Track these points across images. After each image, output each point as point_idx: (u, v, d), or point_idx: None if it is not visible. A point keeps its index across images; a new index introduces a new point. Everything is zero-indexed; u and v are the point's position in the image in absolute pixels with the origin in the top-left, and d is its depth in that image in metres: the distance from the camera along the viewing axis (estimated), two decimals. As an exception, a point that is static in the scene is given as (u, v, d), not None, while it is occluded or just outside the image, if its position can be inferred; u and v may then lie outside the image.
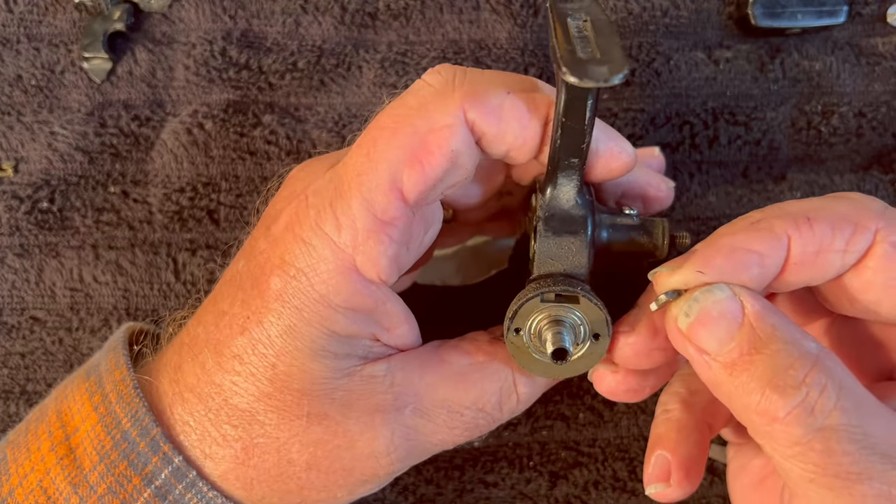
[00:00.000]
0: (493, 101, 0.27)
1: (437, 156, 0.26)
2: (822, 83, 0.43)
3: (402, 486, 0.39)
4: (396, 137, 0.27)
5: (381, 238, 0.27)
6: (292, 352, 0.27)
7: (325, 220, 0.27)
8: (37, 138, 0.41)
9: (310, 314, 0.27)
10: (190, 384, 0.29)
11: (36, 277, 0.40)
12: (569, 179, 0.28)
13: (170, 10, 0.43)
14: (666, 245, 0.31)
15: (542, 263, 0.29)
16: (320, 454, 0.28)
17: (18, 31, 0.42)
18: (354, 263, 0.27)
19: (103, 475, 0.28)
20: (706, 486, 0.40)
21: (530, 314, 0.28)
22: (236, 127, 0.41)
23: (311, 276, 0.27)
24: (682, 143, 0.42)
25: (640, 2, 0.43)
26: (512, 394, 0.30)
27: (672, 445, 0.31)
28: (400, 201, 0.27)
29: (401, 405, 0.29)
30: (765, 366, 0.25)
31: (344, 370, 0.28)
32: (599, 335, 0.28)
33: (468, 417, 0.30)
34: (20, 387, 0.40)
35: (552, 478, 0.40)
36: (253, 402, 0.28)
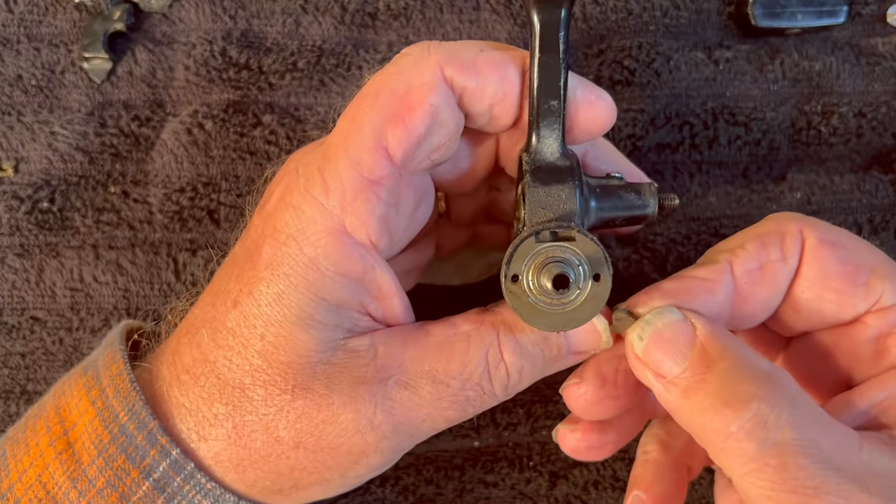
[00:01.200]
0: (468, 56, 0.28)
1: (417, 112, 0.27)
2: (822, 83, 0.43)
3: (402, 486, 0.39)
4: (378, 100, 0.27)
5: (368, 197, 0.27)
6: (281, 321, 0.27)
7: (313, 185, 0.27)
8: (37, 138, 0.41)
9: (297, 279, 0.27)
10: (186, 365, 0.29)
11: (36, 277, 0.40)
12: (551, 130, 0.28)
13: (170, 10, 0.43)
14: (655, 204, 0.31)
15: (534, 214, 0.28)
16: (305, 430, 0.28)
17: (19, 31, 0.42)
18: (343, 225, 0.27)
19: (102, 469, 0.28)
20: (706, 486, 0.40)
21: (526, 257, 0.27)
22: (236, 127, 0.41)
23: (301, 240, 0.27)
24: (682, 143, 0.42)
25: (641, 2, 0.43)
26: (499, 363, 0.29)
27: (647, 485, 0.31)
28: (386, 160, 0.27)
29: (384, 377, 0.28)
30: (717, 383, 0.25)
31: (329, 343, 0.28)
32: (599, 276, 0.27)
33: (454, 388, 0.29)
34: (21, 387, 0.40)
35: (552, 478, 0.40)
36: (244, 377, 0.28)
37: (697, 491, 0.40)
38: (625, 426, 0.32)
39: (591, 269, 0.27)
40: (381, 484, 0.39)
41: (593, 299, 0.27)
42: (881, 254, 0.30)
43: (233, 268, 0.29)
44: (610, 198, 0.31)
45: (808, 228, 0.29)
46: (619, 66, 0.42)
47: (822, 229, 0.29)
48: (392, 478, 0.40)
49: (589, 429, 0.31)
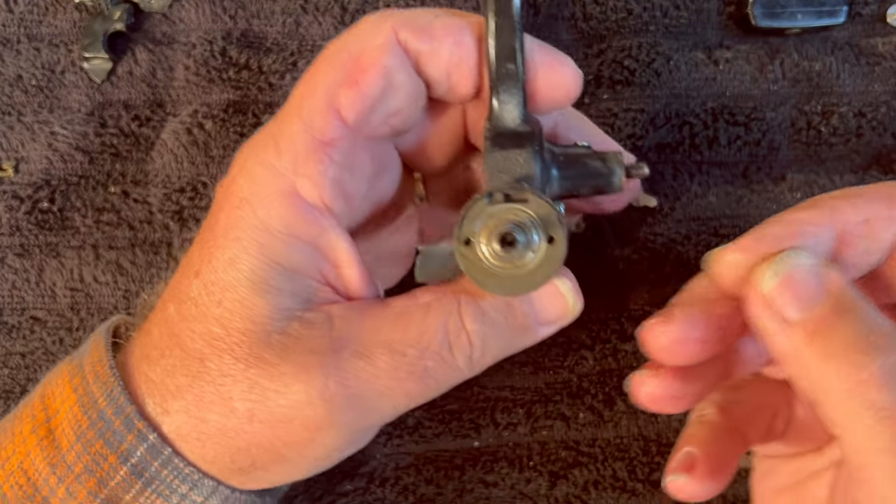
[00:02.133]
0: (423, 20, 0.28)
1: (370, 73, 0.27)
2: (822, 83, 0.43)
3: (402, 486, 0.39)
4: (332, 62, 0.27)
5: (321, 158, 0.27)
6: (235, 285, 0.27)
7: (266, 149, 0.27)
8: (37, 138, 0.41)
9: (249, 242, 0.27)
10: (154, 341, 0.29)
11: (36, 277, 0.40)
12: (510, 95, 0.28)
13: (170, 10, 0.43)
14: (621, 172, 0.30)
15: (492, 178, 0.28)
16: (258, 401, 0.27)
17: (19, 31, 0.42)
18: (295, 186, 0.27)
19: (80, 454, 0.28)
20: (706, 485, 0.40)
21: (478, 218, 0.26)
22: (236, 127, 0.41)
23: (254, 203, 0.27)
24: (682, 143, 0.42)
25: (641, 2, 0.43)
26: (461, 331, 0.28)
27: (701, 443, 0.30)
28: (338, 121, 0.27)
29: (338, 348, 0.27)
30: (848, 331, 0.24)
31: (285, 311, 0.27)
32: (554, 238, 0.26)
33: (412, 358, 0.27)
34: (21, 387, 0.40)
35: (552, 478, 0.40)
36: (204, 347, 0.27)
37: (697, 491, 0.40)
38: (707, 377, 0.29)
39: (546, 231, 0.26)
40: (381, 484, 0.39)
41: (549, 261, 0.26)
42: None
43: (196, 240, 0.29)
44: (574, 166, 0.30)
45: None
46: (619, 66, 0.42)
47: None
48: (392, 478, 0.40)
49: (671, 375, 0.28)
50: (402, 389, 0.27)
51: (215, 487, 0.29)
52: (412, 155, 0.32)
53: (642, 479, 0.40)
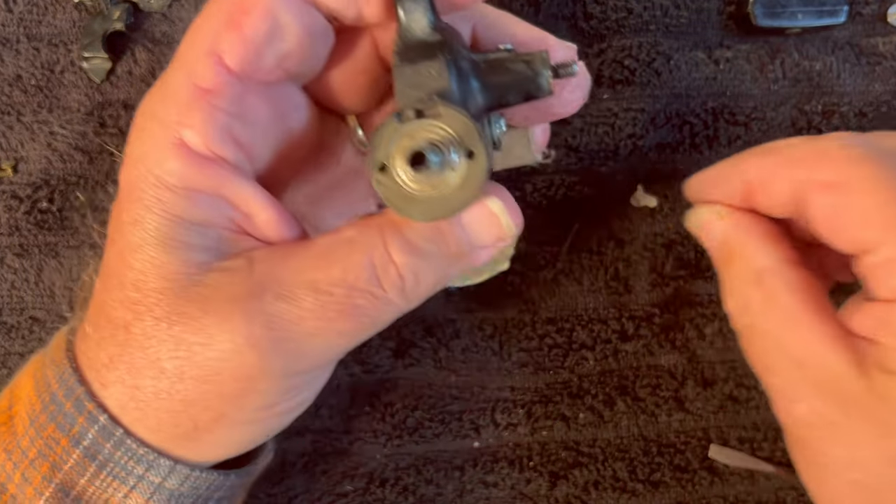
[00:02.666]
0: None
1: (253, 16, 0.25)
2: (823, 83, 0.42)
3: (402, 486, 0.39)
4: (213, 6, 0.26)
5: (203, 106, 0.26)
6: (142, 245, 0.26)
7: (154, 101, 0.26)
8: (36, 138, 0.41)
9: (150, 200, 0.26)
10: (89, 317, 0.28)
11: (35, 277, 0.40)
12: (416, 4, 0.26)
13: (169, 10, 0.43)
14: (548, 73, 0.27)
15: (403, 95, 0.25)
16: (184, 357, 0.26)
17: (18, 30, 0.42)
18: (182, 137, 0.26)
19: (33, 439, 0.27)
20: (706, 486, 0.40)
21: (390, 141, 0.24)
22: (236, 127, 0.41)
23: (146, 160, 0.26)
24: (682, 142, 0.42)
25: (641, 1, 0.42)
26: (388, 264, 0.26)
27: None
28: (220, 67, 0.26)
29: (259, 292, 0.26)
30: None
31: (200, 264, 0.26)
32: (473, 152, 0.24)
33: (340, 296, 0.26)
34: (20, 387, 0.40)
35: (552, 478, 0.40)
36: (125, 313, 0.27)
37: (698, 491, 0.40)
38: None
39: (464, 146, 0.24)
40: (381, 484, 0.39)
41: (471, 179, 0.25)
42: None
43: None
44: (495, 73, 0.27)
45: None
46: (619, 65, 0.41)
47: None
48: (392, 478, 0.40)
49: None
50: (334, 329, 0.26)
51: (172, 467, 0.28)
52: (329, 95, 0.30)
53: (642, 479, 0.40)
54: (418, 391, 0.40)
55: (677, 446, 0.40)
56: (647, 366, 0.41)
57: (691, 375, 0.41)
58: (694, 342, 0.41)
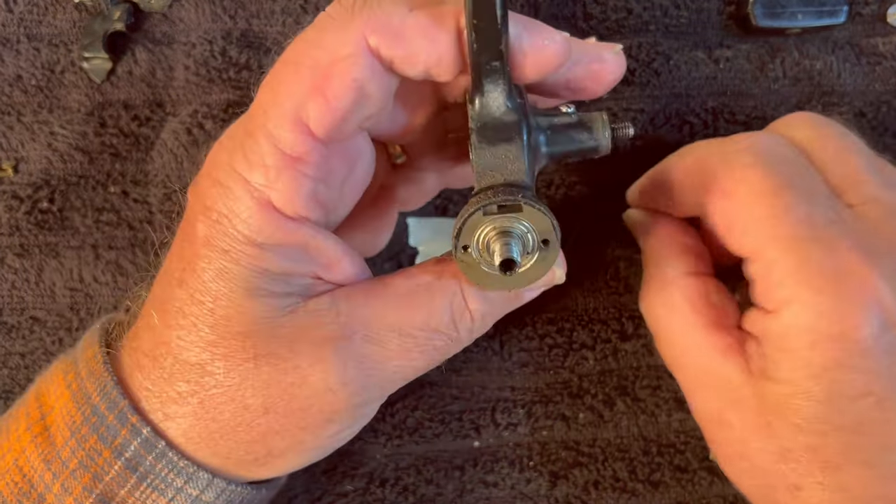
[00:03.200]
0: (395, 21, 0.26)
1: (339, 87, 0.26)
2: (823, 83, 0.43)
3: (402, 486, 0.39)
4: (298, 71, 0.26)
5: (292, 175, 0.26)
6: (227, 294, 0.27)
7: (237, 161, 0.27)
8: (37, 138, 0.41)
9: (237, 255, 0.27)
10: (145, 349, 0.29)
11: (36, 277, 0.40)
12: (495, 85, 0.27)
13: (170, 10, 0.43)
14: (607, 139, 0.30)
15: (482, 176, 0.28)
16: (275, 395, 0.28)
17: (18, 30, 0.42)
18: (271, 201, 0.27)
19: (74, 450, 0.28)
20: (706, 485, 0.40)
21: (476, 229, 0.27)
22: (236, 127, 0.41)
23: (232, 218, 0.27)
24: (682, 142, 0.41)
25: (641, 1, 0.43)
26: (464, 311, 0.29)
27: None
28: (306, 136, 0.26)
29: (349, 334, 0.28)
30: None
31: (285, 308, 0.28)
32: (548, 241, 0.27)
33: (422, 339, 0.29)
34: (20, 387, 0.40)
35: (552, 478, 0.40)
36: (201, 353, 0.28)
37: (698, 491, 0.40)
38: None
39: (541, 236, 0.27)
40: (381, 484, 0.39)
41: (543, 262, 0.28)
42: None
43: (175, 247, 0.29)
44: (560, 137, 0.30)
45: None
46: (619, 65, 0.41)
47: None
48: (392, 478, 0.40)
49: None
50: (412, 366, 0.29)
51: (210, 480, 0.29)
52: (387, 133, 0.31)
53: (642, 479, 0.40)
54: (419, 391, 0.40)
55: (677, 446, 0.40)
56: (647, 366, 0.41)
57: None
58: (694, 342, 0.41)
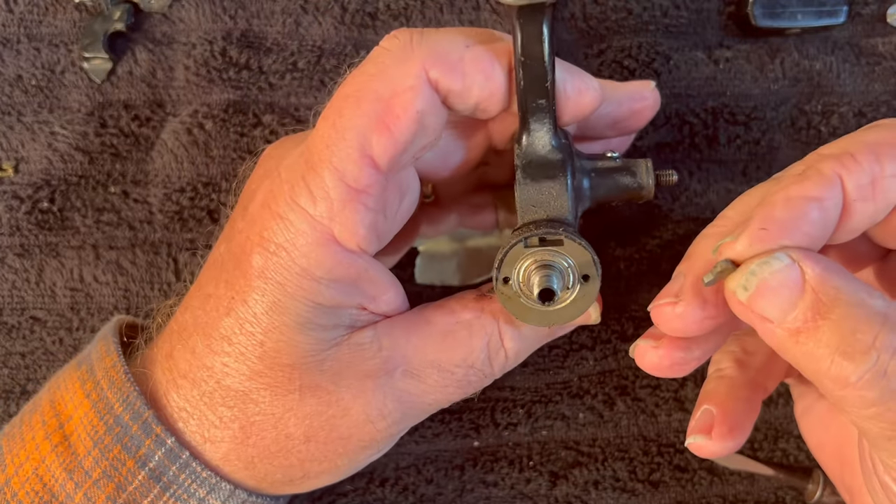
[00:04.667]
0: (454, 56, 0.27)
1: (403, 119, 0.26)
2: (822, 83, 0.43)
3: (402, 486, 0.39)
4: (361, 105, 0.27)
5: (356, 207, 0.27)
6: (279, 327, 0.27)
7: (299, 194, 0.27)
8: (37, 138, 0.41)
9: (293, 288, 0.27)
10: (182, 370, 0.29)
11: (36, 277, 0.40)
12: (541, 124, 0.28)
13: (170, 11, 0.43)
14: (651, 183, 0.31)
15: (525, 211, 0.28)
16: (317, 425, 0.29)
17: (19, 31, 0.42)
18: (333, 234, 0.27)
19: (98, 460, 0.28)
20: (706, 485, 0.40)
21: (516, 261, 0.28)
22: (237, 127, 0.41)
23: (291, 251, 0.27)
24: (682, 142, 0.42)
25: (641, 1, 0.43)
26: (500, 349, 0.30)
27: (720, 400, 0.30)
28: (371, 168, 0.27)
29: (390, 368, 0.29)
30: (831, 332, 0.24)
31: (331, 341, 0.28)
32: (588, 276, 0.28)
33: (459, 375, 0.30)
34: (20, 387, 0.40)
35: (552, 478, 0.40)
36: (245, 382, 0.28)
37: (697, 491, 0.40)
38: (711, 342, 0.30)
39: (581, 271, 0.28)
40: (381, 484, 0.39)
41: (583, 298, 0.28)
42: None
43: (220, 272, 0.29)
44: (604, 180, 0.30)
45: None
46: (618, 66, 0.42)
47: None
48: (392, 478, 0.40)
49: (673, 345, 0.29)
50: (447, 398, 0.31)
51: (232, 491, 0.29)
52: (431, 171, 0.32)
53: (642, 479, 0.40)
54: (418, 391, 0.40)
55: (677, 446, 0.40)
56: (646, 366, 0.41)
57: (691, 375, 0.41)
58: (694, 342, 0.41)
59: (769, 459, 0.40)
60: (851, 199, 0.26)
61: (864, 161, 0.26)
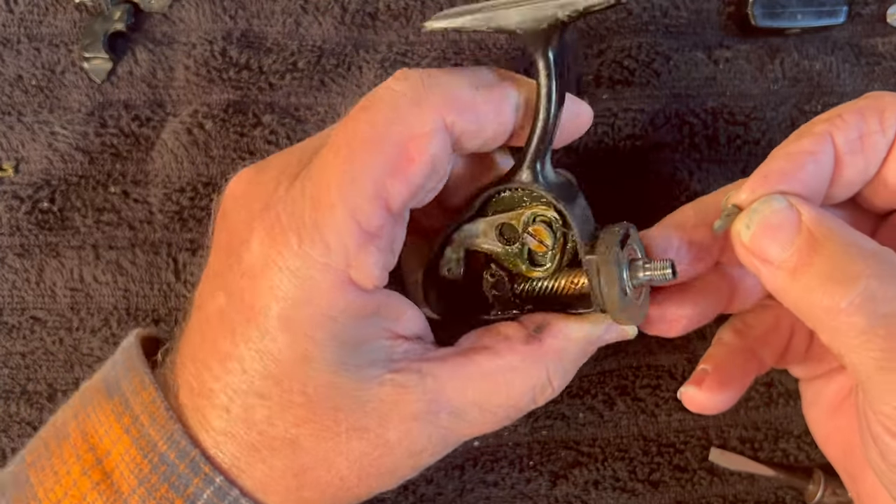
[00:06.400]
0: (467, 98, 0.27)
1: (418, 163, 0.27)
2: (822, 83, 0.43)
3: (401, 485, 0.39)
4: (378, 148, 0.26)
5: (370, 250, 0.27)
6: (315, 376, 0.27)
7: (311, 244, 0.26)
8: (37, 138, 0.41)
9: (321, 336, 0.27)
10: (221, 428, 0.28)
11: (36, 277, 0.40)
12: (546, 157, 0.30)
13: (170, 11, 0.43)
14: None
15: (584, 229, 0.30)
16: (366, 464, 0.29)
17: (19, 31, 0.42)
18: (350, 278, 0.27)
19: (144, 499, 0.28)
20: (706, 485, 0.40)
21: (626, 267, 0.29)
22: (236, 127, 0.41)
23: (312, 302, 0.27)
24: (682, 142, 0.42)
25: (641, 2, 0.43)
26: (547, 387, 0.31)
27: (715, 361, 0.33)
28: (384, 211, 0.27)
29: (435, 409, 0.29)
30: (825, 263, 0.26)
31: (373, 379, 0.28)
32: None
33: (501, 414, 0.30)
34: (21, 387, 0.40)
35: (552, 477, 0.40)
36: (292, 430, 0.28)
37: (697, 490, 0.40)
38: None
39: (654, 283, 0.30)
40: (381, 484, 0.39)
41: (644, 305, 0.31)
42: None
43: (230, 328, 0.28)
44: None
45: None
46: (618, 66, 0.42)
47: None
48: (392, 478, 0.40)
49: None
50: (488, 431, 0.31)
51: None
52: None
53: (642, 479, 0.40)
54: (418, 391, 0.40)
55: (677, 446, 0.40)
56: (647, 366, 0.41)
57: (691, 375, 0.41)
58: (694, 342, 0.41)
59: (770, 459, 0.40)
60: (842, 153, 0.29)
61: (851, 119, 0.29)
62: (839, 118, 0.29)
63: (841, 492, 0.39)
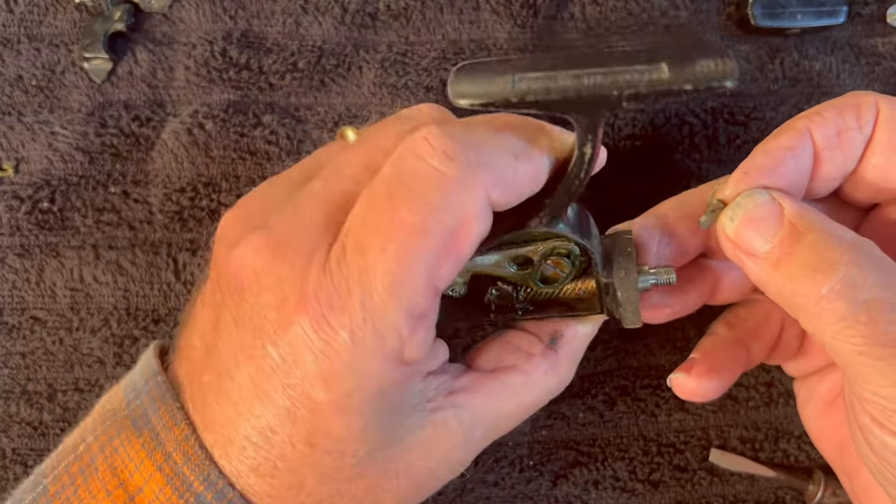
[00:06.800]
0: (509, 174, 0.27)
1: (466, 246, 0.26)
2: (822, 83, 0.43)
3: (402, 485, 0.39)
4: (429, 237, 0.26)
5: (420, 332, 0.27)
6: (368, 443, 0.28)
7: (364, 339, 0.26)
8: (37, 138, 0.41)
9: (367, 408, 0.27)
10: (263, 492, 0.28)
11: (36, 277, 0.40)
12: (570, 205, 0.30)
13: (170, 11, 0.43)
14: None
15: (596, 249, 0.31)
16: (410, 495, 0.30)
17: (19, 31, 0.43)
18: (402, 357, 0.27)
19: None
20: (706, 485, 0.40)
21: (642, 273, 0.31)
22: (237, 127, 0.41)
23: (362, 374, 0.26)
24: (682, 142, 0.42)
25: (640, 2, 0.43)
26: (557, 393, 0.32)
27: (705, 351, 0.34)
28: (434, 294, 0.27)
29: (472, 432, 0.30)
30: (806, 253, 0.27)
31: (415, 426, 0.29)
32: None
33: (522, 418, 0.32)
34: (21, 387, 0.40)
35: (552, 477, 0.40)
36: (342, 485, 0.28)
37: (697, 491, 0.40)
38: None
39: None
40: (381, 484, 0.39)
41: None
42: None
43: (265, 404, 0.27)
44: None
45: (883, 101, 0.30)
46: (618, 66, 0.42)
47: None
48: (392, 478, 0.40)
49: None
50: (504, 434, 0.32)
51: None
52: None
53: (642, 479, 0.40)
54: (418, 391, 0.40)
55: (677, 446, 0.40)
56: (647, 366, 0.41)
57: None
58: (694, 342, 0.41)
59: (770, 460, 0.40)
60: (821, 149, 0.30)
61: (829, 116, 0.30)
62: (817, 115, 0.30)
63: (841, 492, 0.39)
